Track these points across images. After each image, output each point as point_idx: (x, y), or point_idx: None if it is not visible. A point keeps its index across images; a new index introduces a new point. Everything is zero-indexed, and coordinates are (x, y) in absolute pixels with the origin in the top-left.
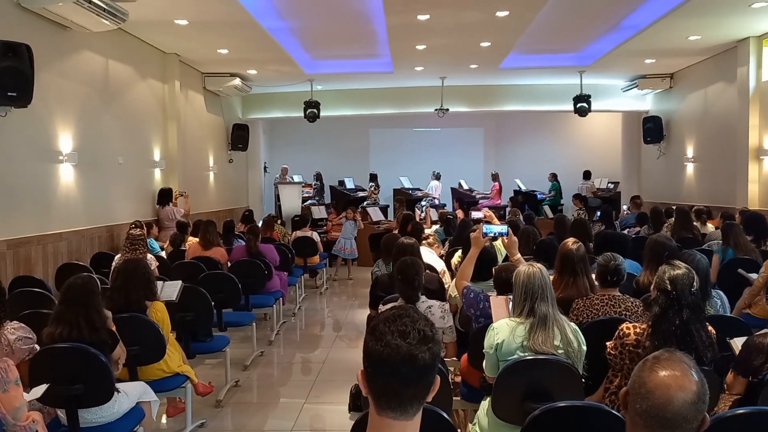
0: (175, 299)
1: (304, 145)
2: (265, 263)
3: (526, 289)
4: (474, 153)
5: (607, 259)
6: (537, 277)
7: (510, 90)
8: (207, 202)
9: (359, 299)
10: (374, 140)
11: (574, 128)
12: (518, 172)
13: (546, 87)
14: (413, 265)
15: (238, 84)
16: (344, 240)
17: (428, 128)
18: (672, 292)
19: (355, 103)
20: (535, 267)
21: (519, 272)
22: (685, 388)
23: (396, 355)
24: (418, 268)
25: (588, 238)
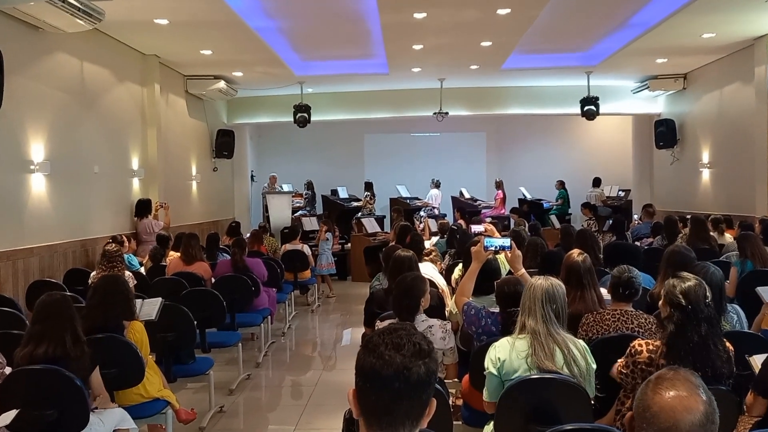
0: (155, 318)
1: (294, 152)
2: (252, 279)
3: (522, 303)
4: (476, 159)
5: (620, 271)
6: (536, 290)
7: (513, 92)
8: (189, 214)
9: (354, 316)
10: (369, 146)
11: (582, 132)
12: (523, 179)
13: (551, 89)
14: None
15: (223, 87)
16: (322, 255)
17: (427, 133)
18: (687, 306)
19: (349, 106)
20: (540, 280)
21: (535, 285)
22: (692, 410)
23: (389, 368)
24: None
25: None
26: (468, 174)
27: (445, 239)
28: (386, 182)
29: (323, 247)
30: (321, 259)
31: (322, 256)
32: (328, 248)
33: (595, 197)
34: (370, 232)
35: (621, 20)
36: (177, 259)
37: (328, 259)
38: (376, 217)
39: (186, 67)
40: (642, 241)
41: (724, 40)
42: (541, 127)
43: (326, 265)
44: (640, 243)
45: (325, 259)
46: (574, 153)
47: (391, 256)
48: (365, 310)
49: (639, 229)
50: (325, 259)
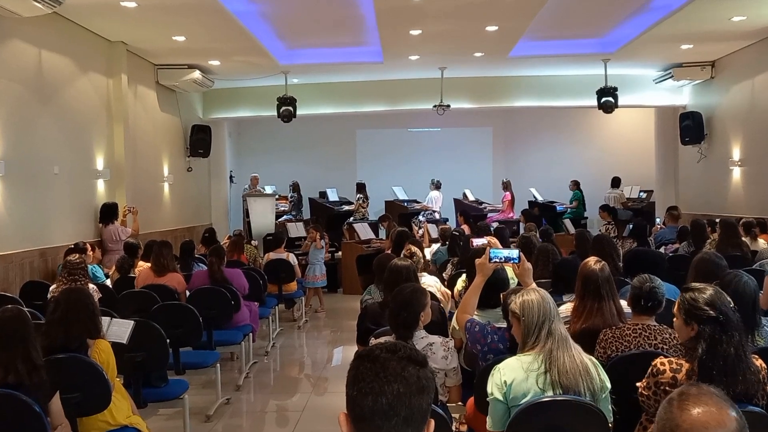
0: (126, 342)
1: (278, 150)
2: (231, 292)
3: (538, 315)
4: (481, 157)
5: (642, 281)
6: (542, 302)
7: (522, 82)
8: (161, 219)
9: (345, 333)
10: (362, 144)
11: (599, 127)
12: (533, 179)
13: (564, 79)
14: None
15: (198, 78)
16: (313, 266)
17: (426, 128)
18: (719, 317)
19: (339, 99)
20: (533, 293)
21: (528, 300)
22: (725, 425)
23: (383, 371)
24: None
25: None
26: (472, 174)
27: (446, 246)
28: (381, 183)
29: (316, 256)
30: (314, 269)
31: (315, 266)
32: (322, 257)
33: (614, 199)
34: (364, 239)
35: (641, 2)
36: (147, 270)
37: (322, 269)
38: (370, 222)
39: (156, 56)
40: (666, 247)
41: (756, 24)
42: (553, 121)
43: (320, 277)
44: (664, 250)
45: (318, 269)
46: (590, 150)
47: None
48: (358, 326)
49: (663, 234)
50: (318, 270)
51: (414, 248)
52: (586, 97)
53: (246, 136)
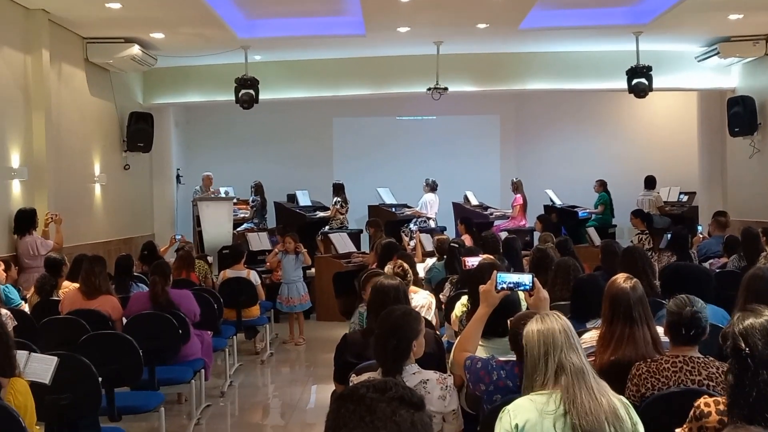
0: (48, 382)
1: (237, 143)
2: (178, 318)
3: (539, 347)
4: (486, 153)
5: (680, 305)
6: (544, 331)
7: (536, 60)
8: (92, 229)
9: (320, 369)
10: (340, 135)
11: (630, 115)
12: (550, 179)
13: (587, 56)
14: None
15: (138, 54)
16: (288, 286)
17: (418, 117)
18: (744, 350)
19: (311, 81)
20: (537, 320)
21: (529, 331)
22: None
23: (370, 414)
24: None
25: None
26: (475, 173)
27: (443, 262)
28: (363, 184)
29: (292, 272)
30: (292, 289)
31: (295, 284)
32: (300, 273)
33: (649, 203)
34: (342, 252)
35: None
36: (74, 292)
37: (303, 288)
38: (350, 231)
39: (86, 27)
40: (712, 262)
41: None
42: (574, 108)
43: (300, 298)
44: (709, 265)
45: (297, 289)
46: (618, 143)
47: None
48: (335, 359)
49: (707, 246)
50: (298, 289)
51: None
52: (613, 79)
53: (197, 126)
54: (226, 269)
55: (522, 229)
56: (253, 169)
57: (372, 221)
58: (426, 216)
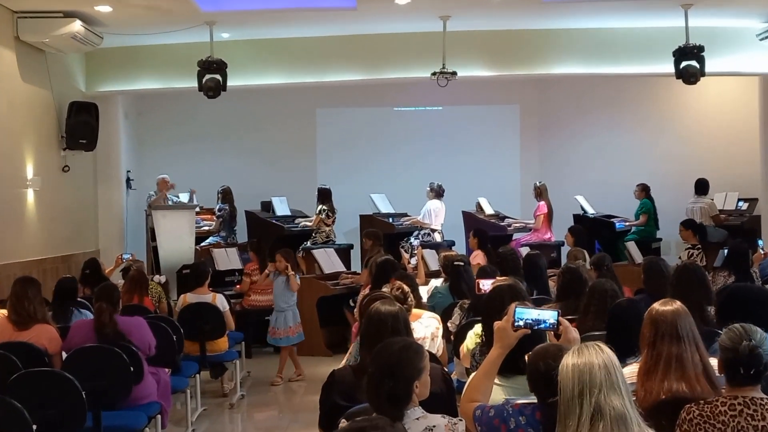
0: None
1: (200, 140)
2: (129, 352)
3: (573, 385)
4: (502, 150)
5: (734, 338)
6: (580, 366)
7: (562, 39)
8: (23, 245)
9: (303, 414)
10: (325, 131)
11: (677, 105)
12: (581, 182)
13: (625, 33)
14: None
15: (79, 31)
16: (279, 314)
17: (420, 107)
18: None
19: (290, 63)
20: (589, 351)
21: (564, 365)
22: None
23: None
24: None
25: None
26: (490, 175)
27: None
28: (354, 189)
29: (285, 298)
30: (283, 318)
31: (285, 313)
32: (294, 300)
33: (701, 211)
34: (328, 272)
35: None
36: (2, 321)
37: (296, 317)
38: (337, 246)
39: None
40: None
41: None
42: (609, 96)
43: (295, 328)
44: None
45: (291, 318)
46: (663, 139)
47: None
48: (321, 401)
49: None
50: (291, 318)
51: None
52: (657, 61)
53: (151, 118)
54: (186, 293)
55: (547, 244)
56: (220, 171)
57: (370, 232)
58: (430, 228)
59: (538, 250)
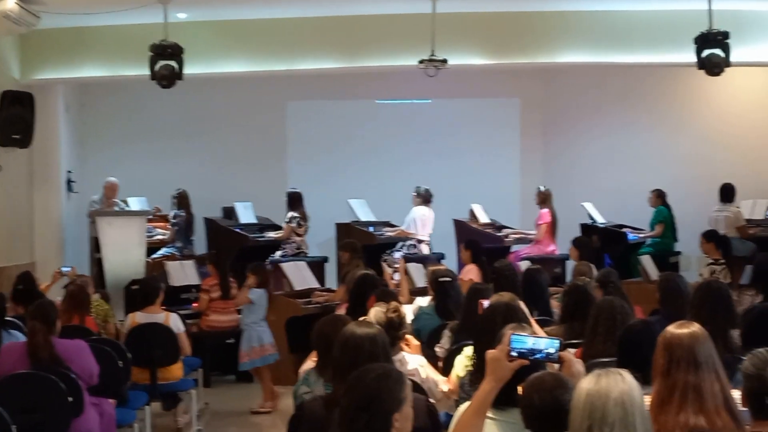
0: None
1: (153, 136)
2: (68, 380)
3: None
4: (500, 150)
5: (760, 365)
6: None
7: (569, 23)
8: None
9: None
10: (296, 126)
11: (699, 100)
12: (589, 187)
13: (640, 17)
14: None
15: (13, 10)
16: (252, 330)
17: (406, 100)
18: None
19: (257, 49)
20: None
21: (578, 390)
22: None
23: None
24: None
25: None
26: (486, 178)
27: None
28: (329, 194)
29: (255, 314)
30: (255, 336)
31: (257, 331)
32: (263, 315)
33: (726, 221)
34: (299, 288)
35: None
36: None
37: (267, 336)
38: (310, 260)
39: None
40: None
41: None
42: (621, 89)
43: (269, 348)
44: None
45: (263, 336)
46: (683, 139)
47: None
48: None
49: None
50: (265, 336)
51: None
52: (677, 49)
53: (96, 111)
54: (135, 312)
55: (550, 258)
56: (176, 173)
57: (347, 243)
58: (416, 238)
59: (540, 265)
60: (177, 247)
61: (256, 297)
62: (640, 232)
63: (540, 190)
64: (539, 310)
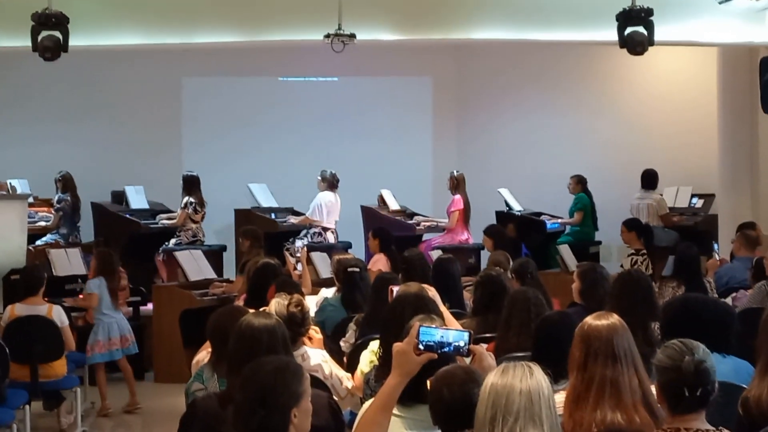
0: None
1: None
2: None
3: (486, 408)
4: (411, 132)
5: (675, 355)
6: (517, 389)
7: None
8: None
9: None
10: (192, 104)
11: (622, 81)
12: (504, 172)
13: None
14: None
15: None
16: (99, 323)
17: (311, 78)
18: None
19: (151, 20)
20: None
21: (485, 384)
22: None
23: None
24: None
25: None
26: (395, 162)
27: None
28: (228, 178)
29: (106, 304)
30: (107, 328)
31: (107, 323)
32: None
33: (648, 209)
34: (194, 279)
35: None
36: None
37: (122, 327)
38: (207, 248)
39: None
40: (735, 295)
41: None
42: (539, 69)
43: (117, 342)
44: (732, 299)
45: (114, 329)
46: (604, 122)
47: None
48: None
49: (729, 273)
50: (115, 329)
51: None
52: (598, 27)
53: None
54: (15, 304)
55: (464, 247)
56: (60, 154)
57: (247, 230)
58: (321, 226)
59: (452, 255)
60: (62, 234)
61: (94, 287)
62: (559, 220)
63: (453, 174)
64: (451, 302)
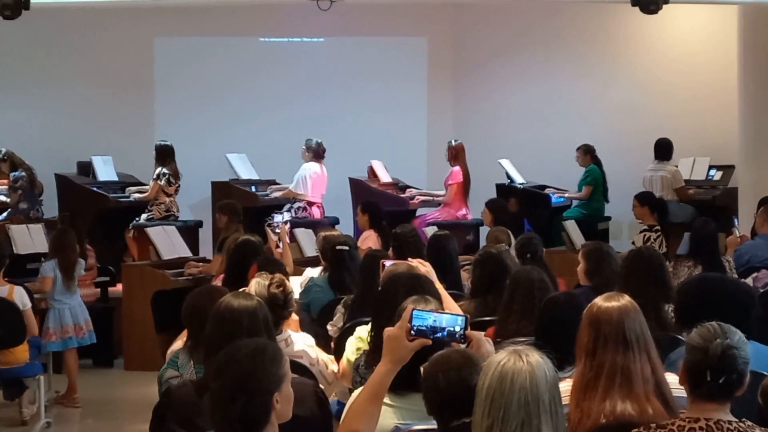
0: None
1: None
2: None
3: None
4: (404, 98)
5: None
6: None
7: None
8: None
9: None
10: (165, 67)
11: (633, 43)
12: (506, 142)
13: None
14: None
15: None
16: (53, 309)
17: (296, 38)
18: None
19: None
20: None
21: (487, 370)
22: None
23: None
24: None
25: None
26: (387, 130)
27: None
28: (204, 148)
29: (63, 289)
30: (58, 315)
31: (57, 309)
32: (74, 288)
33: (662, 182)
34: (167, 257)
35: None
36: None
37: (76, 315)
38: (182, 224)
39: None
40: (756, 275)
41: None
42: (545, 30)
43: (70, 330)
44: (752, 280)
45: (67, 316)
46: (615, 87)
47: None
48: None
49: (751, 250)
50: (67, 316)
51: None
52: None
53: None
54: None
55: (461, 223)
56: (20, 121)
57: (225, 205)
58: (306, 200)
59: (449, 231)
60: (23, 208)
61: (49, 269)
62: (565, 194)
63: (451, 144)
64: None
